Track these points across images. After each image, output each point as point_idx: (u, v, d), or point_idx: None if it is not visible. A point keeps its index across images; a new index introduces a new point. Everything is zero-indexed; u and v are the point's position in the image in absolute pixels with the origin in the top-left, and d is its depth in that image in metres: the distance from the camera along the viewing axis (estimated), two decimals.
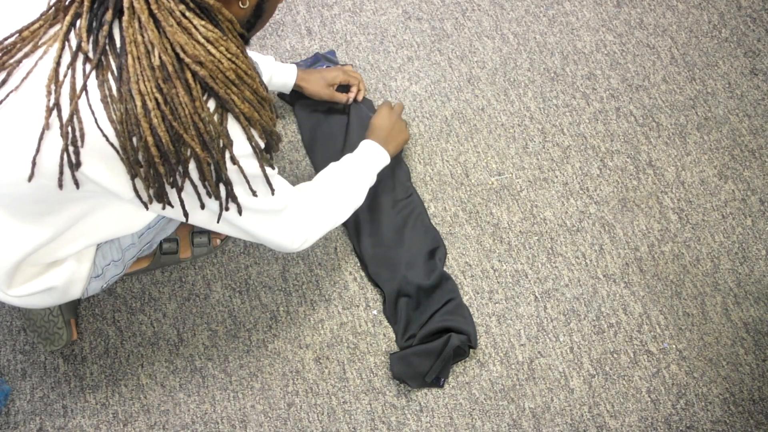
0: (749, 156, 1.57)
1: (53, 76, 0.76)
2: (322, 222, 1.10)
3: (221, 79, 0.78)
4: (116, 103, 0.76)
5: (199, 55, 0.75)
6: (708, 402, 1.31)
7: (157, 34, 0.74)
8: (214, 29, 0.77)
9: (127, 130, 0.76)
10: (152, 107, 0.75)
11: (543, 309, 1.39)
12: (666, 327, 1.38)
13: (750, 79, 1.67)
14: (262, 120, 0.84)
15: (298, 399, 1.30)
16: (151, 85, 0.75)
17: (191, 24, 0.76)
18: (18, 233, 0.89)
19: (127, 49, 0.74)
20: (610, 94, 1.64)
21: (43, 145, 0.78)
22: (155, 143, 0.77)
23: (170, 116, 0.76)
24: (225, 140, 0.81)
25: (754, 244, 1.47)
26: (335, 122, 1.52)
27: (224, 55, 0.77)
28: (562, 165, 1.54)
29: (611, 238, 1.46)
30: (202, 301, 1.38)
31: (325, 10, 1.72)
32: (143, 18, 0.73)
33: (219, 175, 0.83)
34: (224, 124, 0.80)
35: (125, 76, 0.75)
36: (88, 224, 0.92)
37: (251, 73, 0.81)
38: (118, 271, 1.11)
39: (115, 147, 0.78)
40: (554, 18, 1.74)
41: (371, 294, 1.39)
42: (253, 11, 0.88)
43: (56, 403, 1.28)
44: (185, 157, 0.80)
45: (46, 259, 0.96)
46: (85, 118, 0.76)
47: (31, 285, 0.97)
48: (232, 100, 0.79)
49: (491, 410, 1.29)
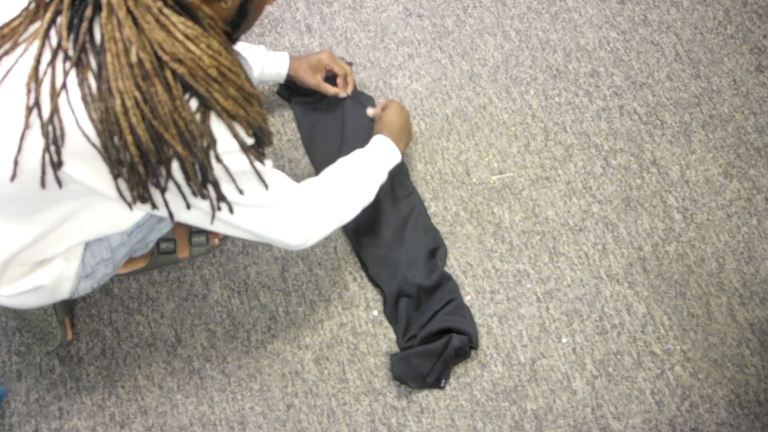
0: (755, 154, 1.55)
1: (33, 74, 0.75)
2: (327, 217, 1.07)
3: (202, 77, 0.76)
4: (96, 102, 0.74)
5: (178, 52, 0.73)
6: (713, 404, 1.30)
7: (135, 31, 0.72)
8: (194, 26, 0.75)
9: (108, 129, 0.75)
10: (131, 105, 0.73)
11: (545, 309, 1.37)
12: (670, 328, 1.36)
13: (756, 76, 1.65)
14: (249, 116, 0.81)
15: (298, 400, 1.28)
16: (130, 84, 0.73)
17: (169, 21, 0.74)
18: (3, 233, 0.88)
19: (106, 47, 0.72)
20: (614, 92, 1.62)
21: (25, 145, 0.77)
22: (135, 142, 0.76)
23: (150, 115, 0.74)
24: (208, 139, 0.79)
25: (759, 244, 1.45)
26: (333, 119, 1.51)
27: (205, 52, 0.75)
28: (565, 163, 1.53)
29: (614, 237, 1.45)
30: (200, 301, 1.36)
31: (324, 7, 1.71)
32: (121, 14, 0.72)
33: (205, 175, 0.82)
34: (207, 122, 0.78)
35: (104, 74, 0.73)
36: (76, 223, 0.91)
37: (235, 70, 0.79)
38: (108, 270, 1.09)
39: (97, 146, 0.77)
40: (557, 14, 1.72)
41: (371, 294, 1.38)
42: (236, 12, 0.86)
43: (52, 405, 1.27)
44: (167, 156, 0.78)
45: (34, 259, 0.95)
46: (66, 117, 0.75)
47: (19, 284, 0.97)
48: (214, 98, 0.77)
49: (493, 412, 1.28)
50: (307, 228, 1.04)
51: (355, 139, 1.45)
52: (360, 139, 1.44)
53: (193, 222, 0.92)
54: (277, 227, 1.00)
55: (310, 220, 1.04)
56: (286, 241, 1.03)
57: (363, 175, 1.15)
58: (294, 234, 1.02)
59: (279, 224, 0.99)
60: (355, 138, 1.45)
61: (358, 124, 1.47)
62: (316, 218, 1.05)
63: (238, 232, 0.98)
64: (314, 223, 1.05)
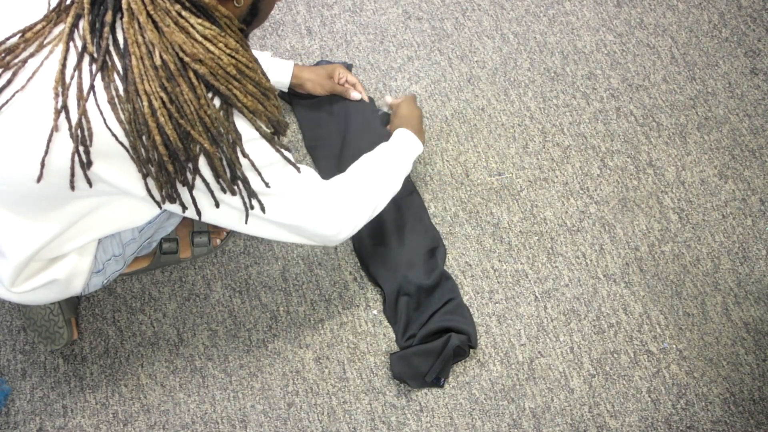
0: (749, 156, 1.57)
1: (60, 78, 0.77)
2: (358, 208, 1.07)
3: (222, 75, 0.78)
4: (123, 104, 0.77)
5: (198, 53, 0.76)
6: (708, 402, 1.31)
7: (156, 34, 0.75)
8: (211, 26, 0.78)
9: (136, 129, 0.77)
10: (158, 106, 0.76)
11: (543, 309, 1.39)
12: (666, 327, 1.38)
13: (750, 79, 1.67)
14: (267, 111, 0.84)
15: (298, 399, 1.30)
16: (155, 85, 0.75)
17: (188, 23, 0.76)
18: (26, 231, 0.90)
19: (130, 50, 0.75)
20: (611, 94, 1.63)
21: (52, 146, 0.79)
22: (163, 142, 0.78)
23: (177, 114, 0.77)
24: (233, 134, 0.82)
25: (754, 244, 1.47)
26: (335, 120, 1.52)
27: (223, 51, 0.78)
28: (563, 165, 1.54)
29: (611, 237, 1.46)
30: (202, 301, 1.37)
31: (325, 10, 1.72)
32: (141, 19, 0.74)
33: (233, 171, 0.84)
34: (230, 118, 0.81)
35: (130, 77, 0.76)
36: (94, 219, 0.93)
37: (252, 66, 0.82)
38: (118, 266, 1.11)
39: (125, 146, 0.79)
40: (554, 18, 1.74)
41: (371, 294, 1.39)
42: (248, 10, 0.89)
43: (56, 403, 1.28)
44: (194, 154, 0.80)
45: (51, 254, 0.96)
46: (94, 119, 0.77)
47: (34, 280, 0.98)
48: (234, 95, 0.80)
49: (491, 410, 1.29)
50: (338, 218, 1.03)
51: (358, 139, 1.46)
52: (363, 139, 1.45)
53: (226, 221, 0.93)
54: (309, 215, 0.99)
55: (342, 211, 1.04)
56: (319, 231, 1.02)
57: (389, 167, 1.16)
58: (326, 223, 1.02)
59: (311, 212, 0.99)
60: (358, 138, 1.46)
61: (361, 124, 1.48)
62: (347, 209, 1.05)
63: (270, 228, 0.98)
64: (345, 213, 1.05)
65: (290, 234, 1.01)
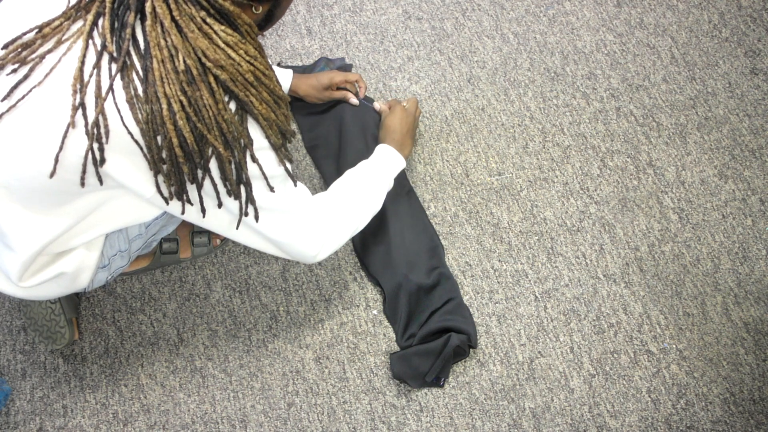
0: (749, 156, 1.57)
1: (78, 75, 0.77)
2: (338, 229, 1.09)
3: (241, 82, 0.80)
4: (142, 104, 0.77)
5: (220, 59, 0.77)
6: (708, 402, 1.31)
7: (180, 39, 0.76)
8: (233, 33, 0.79)
9: (152, 129, 0.79)
10: (177, 109, 0.77)
11: (543, 309, 1.39)
12: (666, 327, 1.38)
13: (750, 79, 1.67)
14: (278, 119, 0.86)
15: (298, 399, 1.30)
16: (176, 88, 0.77)
17: (212, 29, 0.78)
18: (36, 225, 0.90)
19: (152, 53, 0.76)
20: (611, 94, 1.64)
21: (67, 142, 0.79)
22: (180, 144, 0.79)
23: (194, 117, 0.78)
24: (246, 140, 0.83)
25: (754, 244, 1.47)
26: (333, 119, 1.52)
27: (243, 58, 0.80)
28: (563, 165, 1.54)
29: (611, 237, 1.46)
30: (202, 301, 1.38)
31: (325, 10, 1.72)
32: (166, 23, 0.75)
33: (240, 174, 0.85)
34: (245, 124, 0.83)
35: (150, 78, 0.77)
36: (103, 213, 0.94)
37: (268, 73, 0.84)
38: (123, 262, 1.12)
39: (140, 145, 0.80)
40: (554, 18, 1.74)
41: (371, 294, 1.39)
42: (264, 16, 0.91)
43: (56, 403, 1.28)
44: (207, 156, 0.82)
45: (59, 249, 0.97)
46: (111, 117, 0.78)
47: (42, 274, 0.98)
48: (251, 101, 0.81)
49: (491, 410, 1.29)
50: (319, 238, 1.05)
51: (355, 138, 1.46)
52: (360, 138, 1.46)
53: (218, 224, 0.94)
54: (296, 233, 1.01)
55: (323, 231, 1.06)
56: (300, 249, 1.04)
57: (369, 187, 1.18)
58: (309, 243, 1.04)
59: (294, 230, 1.01)
60: (355, 137, 1.46)
61: (358, 123, 1.49)
62: (327, 230, 1.07)
63: (256, 239, 0.99)
64: (326, 234, 1.07)
65: (273, 247, 1.03)
